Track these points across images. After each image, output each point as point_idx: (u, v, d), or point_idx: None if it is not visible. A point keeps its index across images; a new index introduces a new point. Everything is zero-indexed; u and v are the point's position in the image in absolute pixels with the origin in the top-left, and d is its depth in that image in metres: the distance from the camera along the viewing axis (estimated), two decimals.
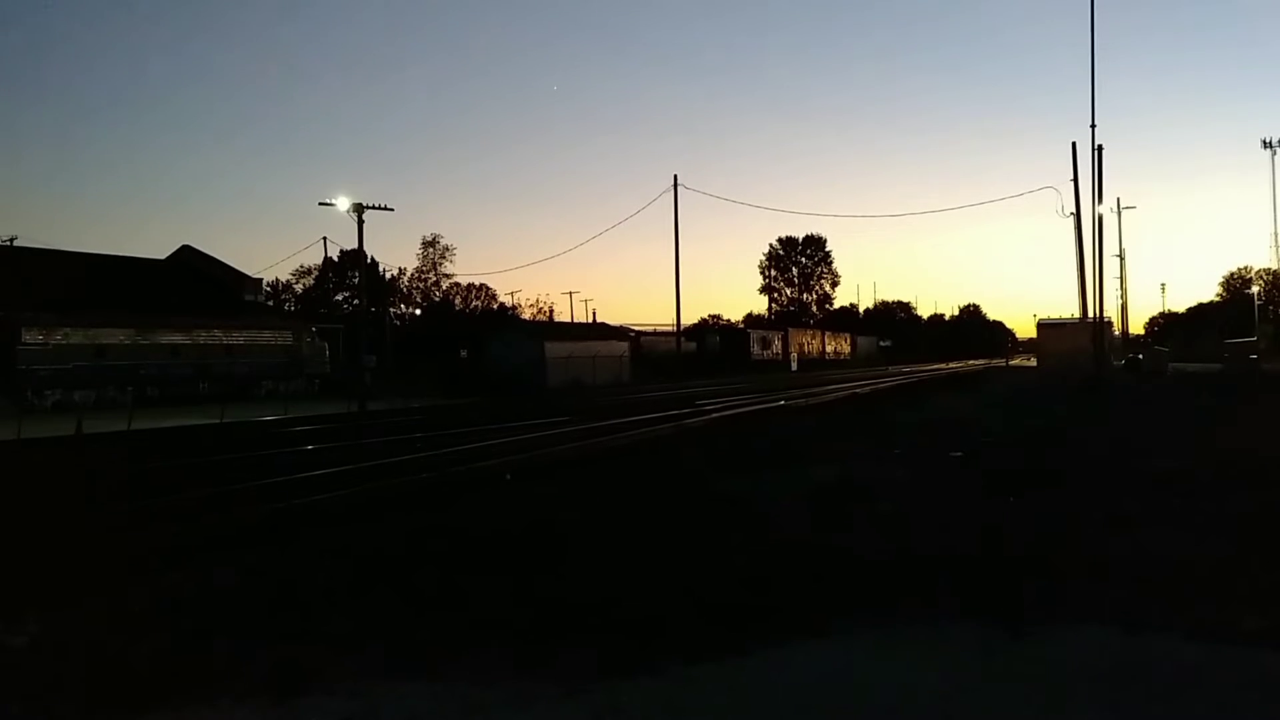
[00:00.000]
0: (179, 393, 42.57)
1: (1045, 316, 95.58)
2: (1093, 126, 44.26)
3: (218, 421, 28.92)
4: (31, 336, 39.58)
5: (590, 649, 6.13)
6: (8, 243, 57.72)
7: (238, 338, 48.41)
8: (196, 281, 61.65)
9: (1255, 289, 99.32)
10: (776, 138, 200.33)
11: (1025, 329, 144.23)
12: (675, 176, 71.19)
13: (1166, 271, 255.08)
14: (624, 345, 69.77)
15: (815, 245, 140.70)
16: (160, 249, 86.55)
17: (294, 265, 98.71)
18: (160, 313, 46.98)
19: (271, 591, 7.89)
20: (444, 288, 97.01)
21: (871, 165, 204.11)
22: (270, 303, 79.40)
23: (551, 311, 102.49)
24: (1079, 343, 47.08)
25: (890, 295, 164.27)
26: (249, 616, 7.12)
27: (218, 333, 47.61)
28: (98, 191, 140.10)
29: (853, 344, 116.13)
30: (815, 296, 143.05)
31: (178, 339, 45.25)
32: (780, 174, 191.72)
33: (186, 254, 67.09)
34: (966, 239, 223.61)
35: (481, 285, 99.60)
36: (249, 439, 23.13)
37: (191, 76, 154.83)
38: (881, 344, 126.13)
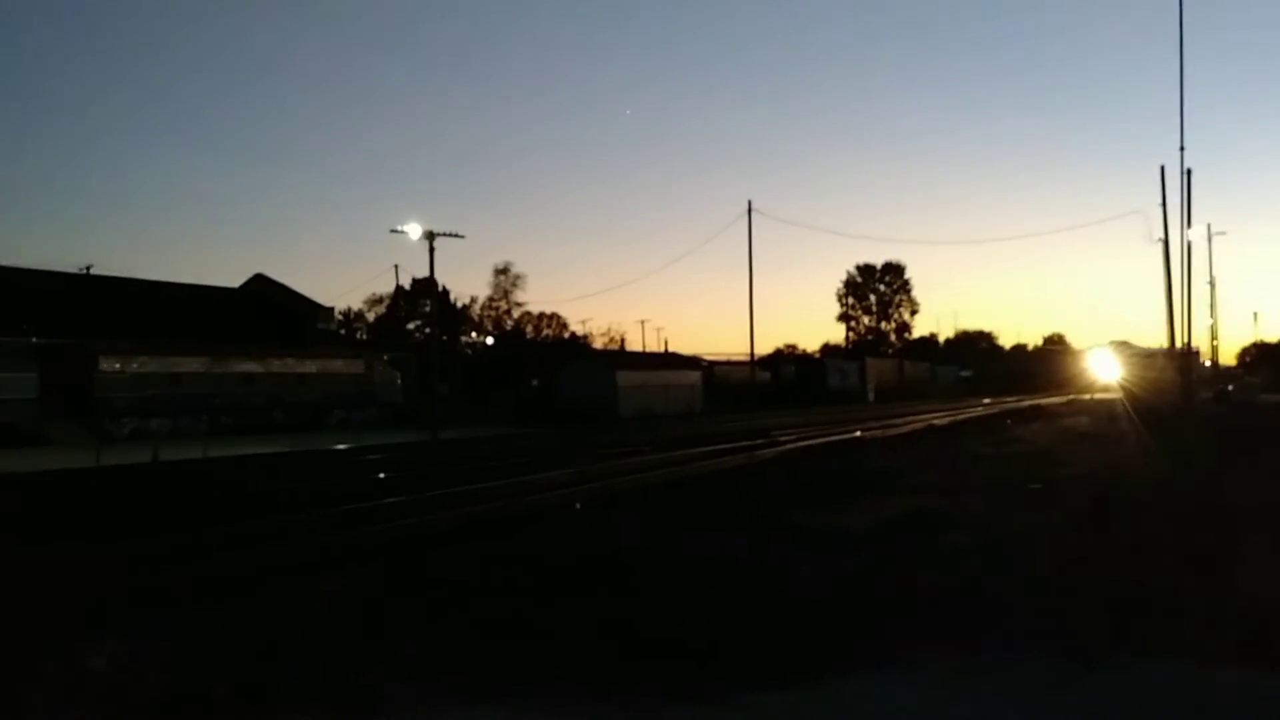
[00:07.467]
0: (252, 421, 42.54)
1: (1130, 345, 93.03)
2: (1181, 149, 42.97)
3: (292, 450, 29.07)
4: (109, 364, 39.91)
5: (659, 677, 6.12)
6: (83, 271, 58.65)
7: (310, 366, 48.70)
8: (269, 310, 62.52)
9: None
10: (853, 163, 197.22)
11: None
12: (749, 202, 69.56)
13: (1260, 299, 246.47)
14: (696, 375, 69.06)
15: (894, 272, 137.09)
16: (233, 278, 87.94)
17: (366, 293, 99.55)
18: (234, 341, 47.50)
19: (343, 616, 7.97)
20: (515, 316, 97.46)
21: (952, 191, 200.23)
22: (342, 331, 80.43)
23: (623, 340, 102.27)
24: (1165, 373, 46.01)
25: (971, 324, 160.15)
26: (320, 641, 7.16)
27: (291, 361, 47.90)
28: (171, 220, 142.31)
29: (932, 374, 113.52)
30: (894, 325, 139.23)
31: (251, 368, 45.52)
32: (858, 200, 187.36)
33: (259, 283, 68.02)
34: (1050, 266, 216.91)
35: (553, 314, 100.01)
36: (324, 467, 23.13)
37: (265, 107, 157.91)
38: (962, 374, 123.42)
